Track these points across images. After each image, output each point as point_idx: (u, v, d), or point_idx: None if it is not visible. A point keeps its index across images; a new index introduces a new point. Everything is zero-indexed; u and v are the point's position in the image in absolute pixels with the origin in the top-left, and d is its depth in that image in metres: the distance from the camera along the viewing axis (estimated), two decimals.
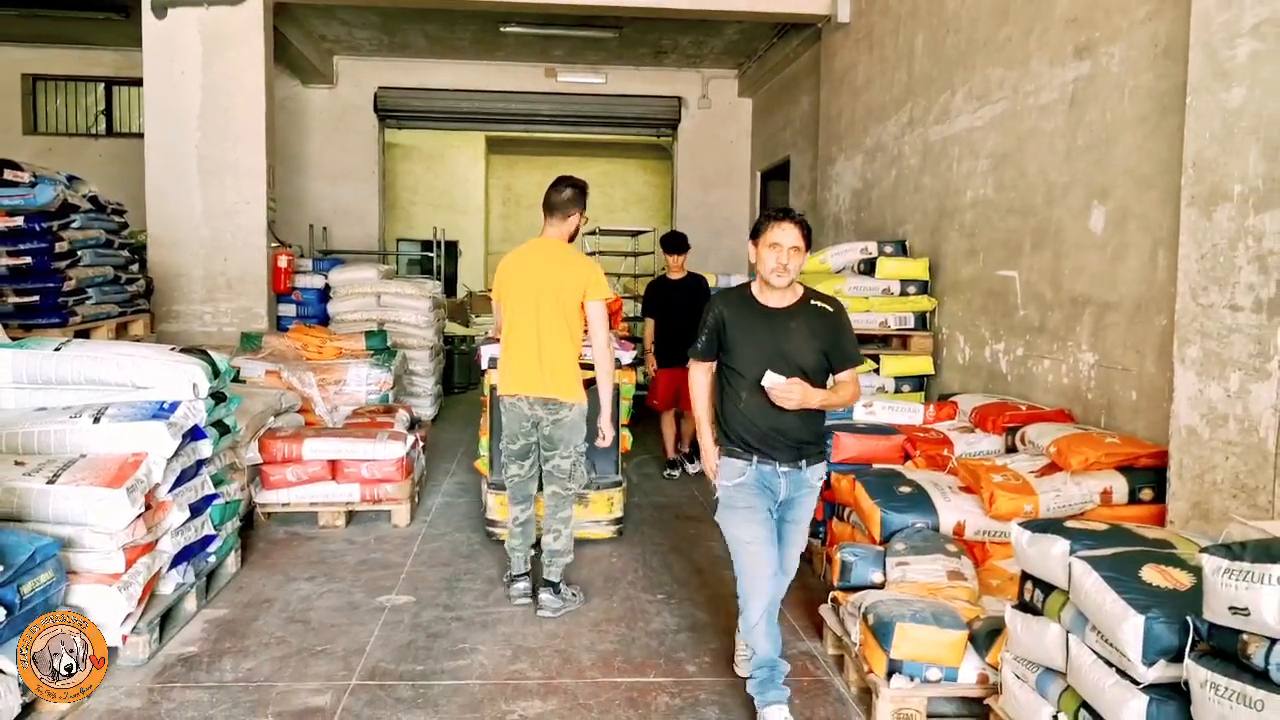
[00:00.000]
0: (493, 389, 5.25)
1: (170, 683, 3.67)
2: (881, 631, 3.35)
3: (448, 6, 9.85)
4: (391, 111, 12.95)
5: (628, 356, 5.75)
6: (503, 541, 5.12)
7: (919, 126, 7.11)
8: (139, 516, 3.77)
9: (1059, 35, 5.30)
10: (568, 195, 4.54)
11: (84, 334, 5.92)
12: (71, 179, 6.19)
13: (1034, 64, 5.53)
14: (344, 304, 9.29)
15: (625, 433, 5.88)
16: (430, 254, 16.00)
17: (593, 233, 12.12)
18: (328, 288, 9.48)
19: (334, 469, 5.85)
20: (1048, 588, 2.91)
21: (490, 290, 19.77)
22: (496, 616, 4.39)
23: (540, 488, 4.72)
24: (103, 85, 12.86)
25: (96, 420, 4.04)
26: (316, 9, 10.42)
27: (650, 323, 7.56)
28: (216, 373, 4.61)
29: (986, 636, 3.32)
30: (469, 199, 17.85)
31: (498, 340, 5.04)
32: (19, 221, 5.60)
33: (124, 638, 3.74)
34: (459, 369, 11.90)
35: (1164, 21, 4.46)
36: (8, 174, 5.71)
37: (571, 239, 4.62)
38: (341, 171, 12.83)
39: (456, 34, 11.51)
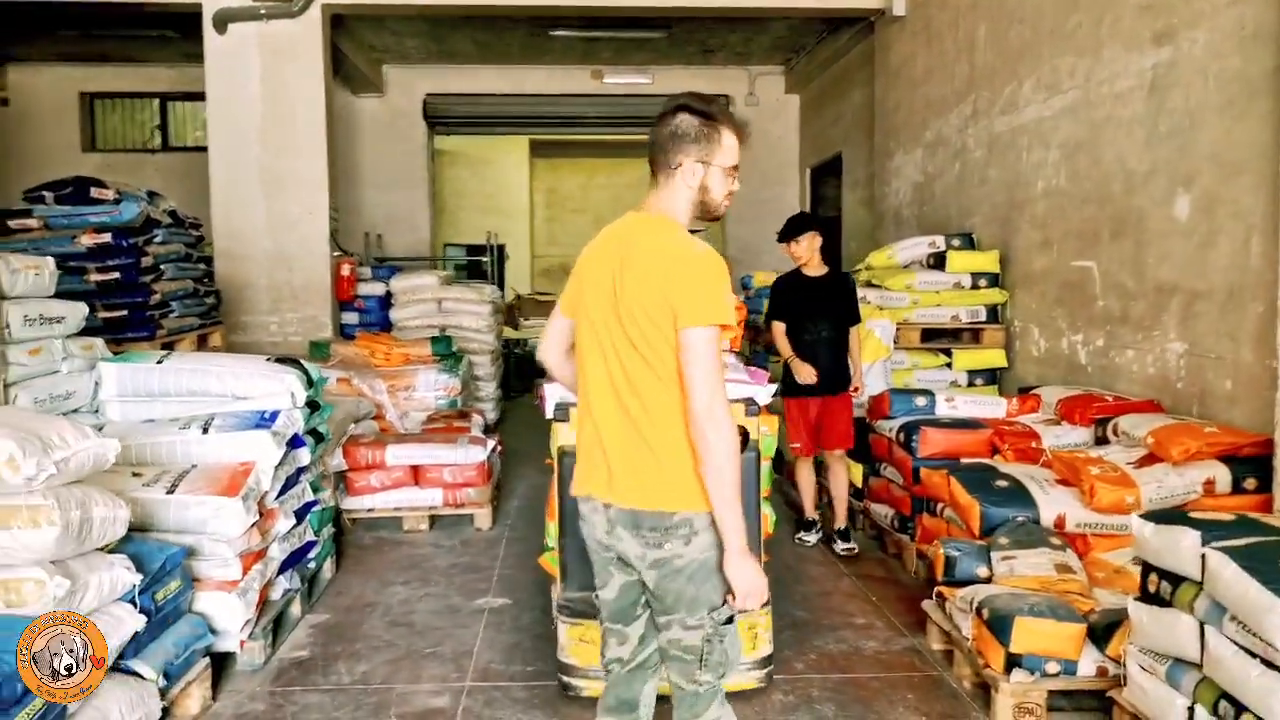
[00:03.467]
0: (561, 451, 3.65)
1: (289, 686, 3.74)
2: (999, 626, 3.35)
3: (496, 12, 9.93)
4: (440, 118, 13.06)
5: (765, 394, 3.87)
6: (583, 698, 3.53)
7: (983, 118, 7.07)
8: (254, 524, 3.85)
9: (1134, 22, 5.25)
10: (673, 128, 2.40)
11: (168, 346, 6.04)
12: (151, 194, 6.31)
13: (1107, 52, 5.49)
14: (405, 310, 9.39)
15: (765, 510, 3.93)
16: (477, 258, 16.22)
17: None
18: (389, 295, 9.58)
19: (417, 474, 5.93)
20: (1176, 579, 2.91)
21: (539, 293, 19.44)
22: None
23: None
24: (158, 101, 13.06)
25: (205, 431, 4.13)
26: (367, 19, 10.54)
27: (779, 328, 5.67)
28: (310, 382, 4.70)
29: (1104, 629, 3.32)
30: (514, 203, 17.98)
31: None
32: (107, 238, 5.72)
33: (241, 643, 3.83)
34: (514, 373, 12.00)
35: (1250, 5, 4.42)
36: (94, 192, 5.84)
37: (702, 216, 2.49)
38: (392, 179, 12.95)
39: (504, 39, 11.58)
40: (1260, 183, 4.33)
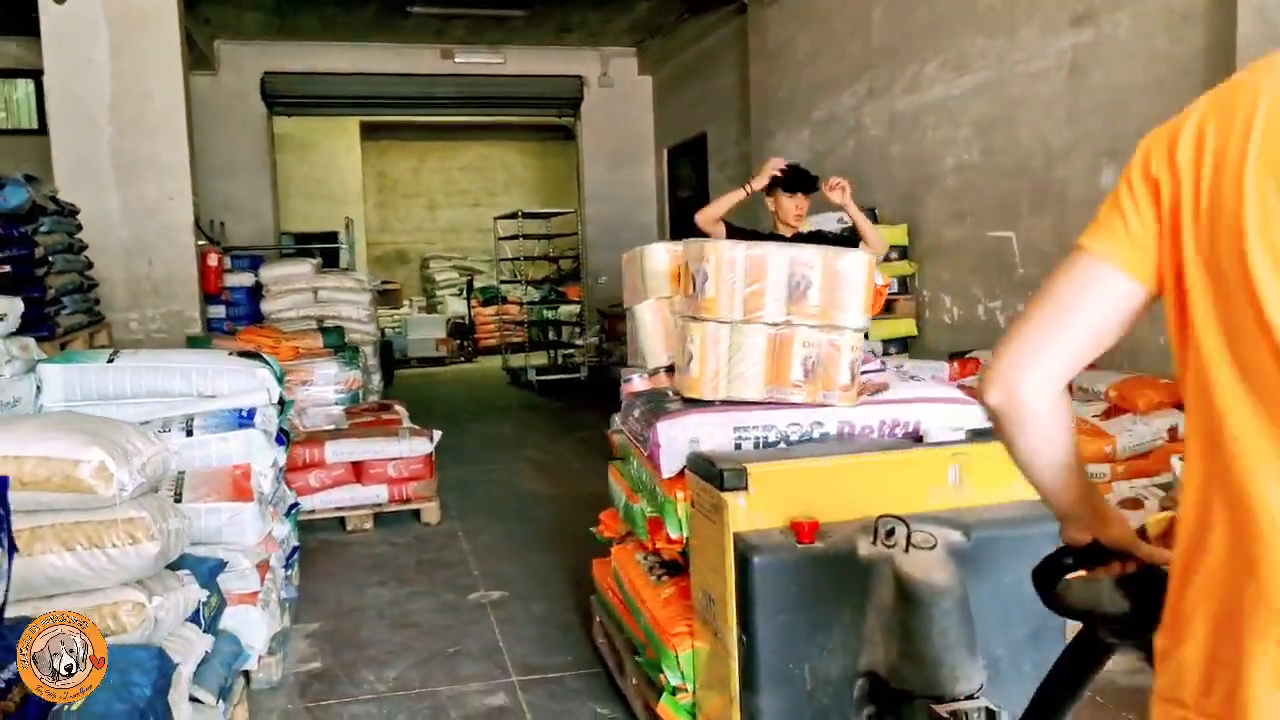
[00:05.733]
0: (744, 545, 2.37)
1: (322, 700, 3.49)
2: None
3: None
4: (281, 98, 12.34)
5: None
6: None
7: (882, 97, 7.36)
8: (269, 531, 3.55)
9: (1051, 5, 5.60)
10: None
11: (63, 346, 5.44)
12: (29, 178, 5.65)
13: (1023, 33, 5.83)
14: (278, 302, 8.82)
15: None
16: (307, 246, 15.36)
17: (514, 215, 11.95)
18: (258, 285, 8.99)
19: (358, 471, 5.63)
20: None
21: (384, 282, 18.93)
22: None
23: None
24: None
25: (189, 433, 3.76)
26: None
27: None
28: (280, 377, 4.37)
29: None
30: (346, 188, 17.15)
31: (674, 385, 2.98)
32: None
33: (260, 658, 3.52)
34: None
35: None
36: None
37: None
38: (230, 163, 12.10)
39: (355, 15, 11.05)
40: None
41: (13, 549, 1.66)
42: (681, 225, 12.36)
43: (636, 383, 3.35)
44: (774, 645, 2.12)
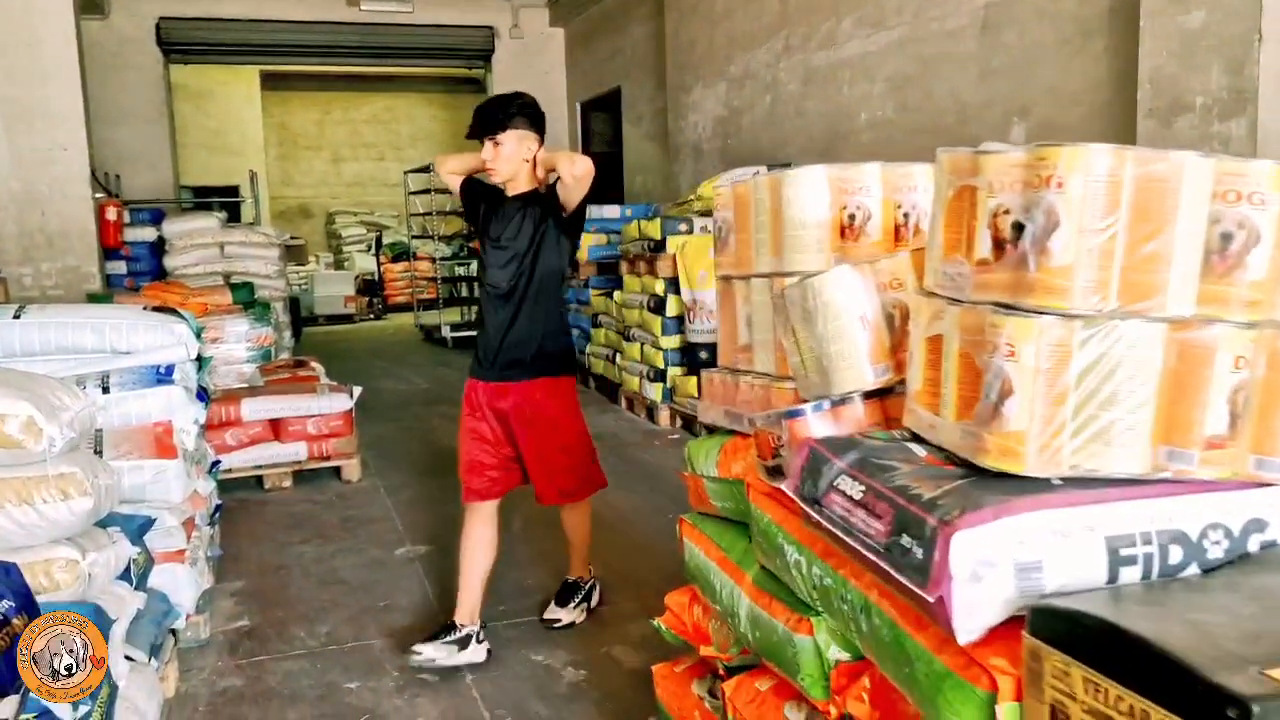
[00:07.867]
0: None
1: (254, 657, 3.45)
2: None
3: None
4: (177, 45, 11.87)
5: None
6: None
7: (798, 53, 7.42)
8: (195, 488, 3.49)
9: None
10: None
11: None
12: None
13: None
14: (182, 258, 8.56)
15: None
16: (206, 200, 14.86)
17: (425, 169, 11.72)
18: (160, 240, 8.68)
19: (276, 428, 5.53)
20: None
21: (298, 238, 18.44)
22: (544, 550, 4.36)
23: None
24: None
25: (105, 390, 3.65)
26: None
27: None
28: (198, 333, 4.26)
29: None
30: (246, 140, 16.57)
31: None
32: None
33: (187, 616, 3.47)
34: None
35: None
36: None
37: None
38: (125, 113, 11.61)
39: None
40: (1095, 111, 4.91)
41: None
42: (595, 182, 12.32)
43: (811, 420, 1.81)
44: None
